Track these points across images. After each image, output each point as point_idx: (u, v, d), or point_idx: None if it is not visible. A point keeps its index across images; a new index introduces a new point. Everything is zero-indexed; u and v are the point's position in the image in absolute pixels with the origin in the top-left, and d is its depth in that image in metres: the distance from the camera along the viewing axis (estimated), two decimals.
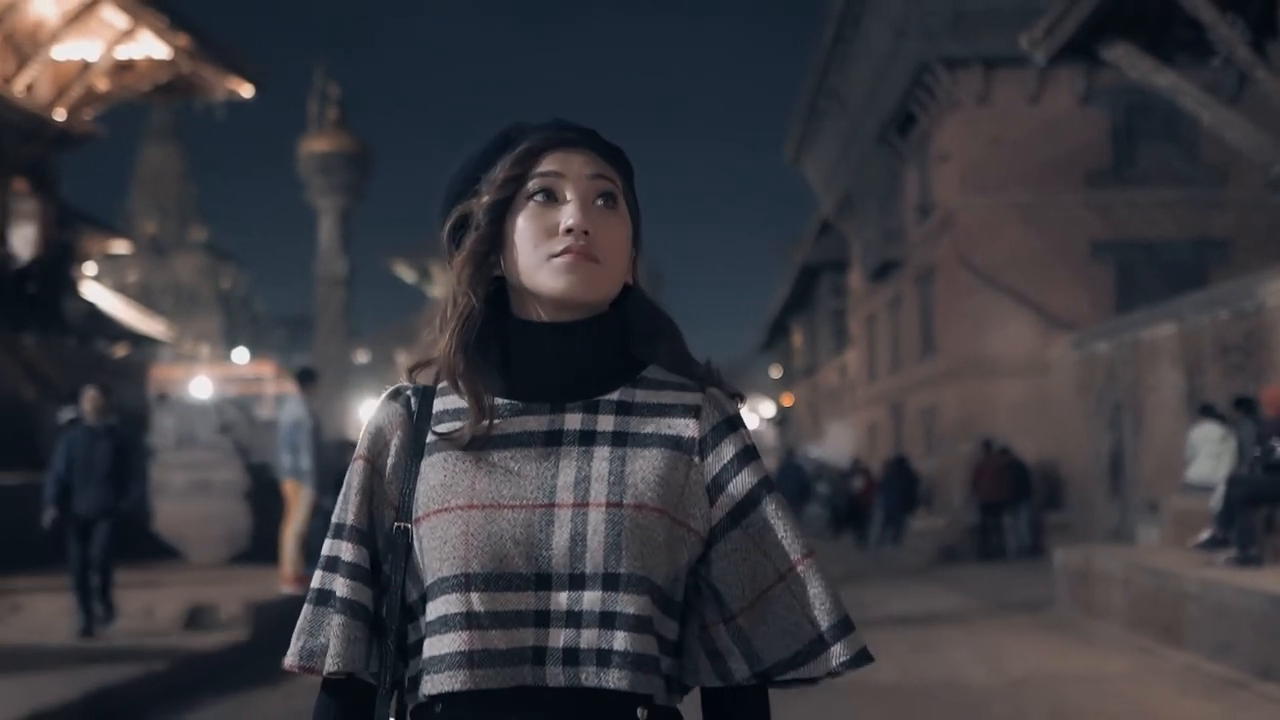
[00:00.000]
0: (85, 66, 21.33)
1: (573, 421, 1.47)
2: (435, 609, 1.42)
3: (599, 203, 1.48)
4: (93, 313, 26.76)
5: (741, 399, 1.56)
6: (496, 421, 1.46)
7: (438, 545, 1.42)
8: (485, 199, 1.50)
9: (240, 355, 52.89)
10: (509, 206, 1.49)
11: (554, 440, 1.45)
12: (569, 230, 1.45)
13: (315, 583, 1.52)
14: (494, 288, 1.51)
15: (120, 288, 44.42)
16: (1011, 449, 20.59)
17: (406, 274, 67.23)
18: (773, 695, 1.56)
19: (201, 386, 48.87)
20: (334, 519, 1.53)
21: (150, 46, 21.38)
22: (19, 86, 20.21)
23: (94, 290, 29.97)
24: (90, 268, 32.53)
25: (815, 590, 1.47)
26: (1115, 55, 13.97)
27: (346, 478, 1.54)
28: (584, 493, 1.41)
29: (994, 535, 20.14)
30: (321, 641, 1.49)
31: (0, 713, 6.84)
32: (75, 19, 19.89)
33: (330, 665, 1.47)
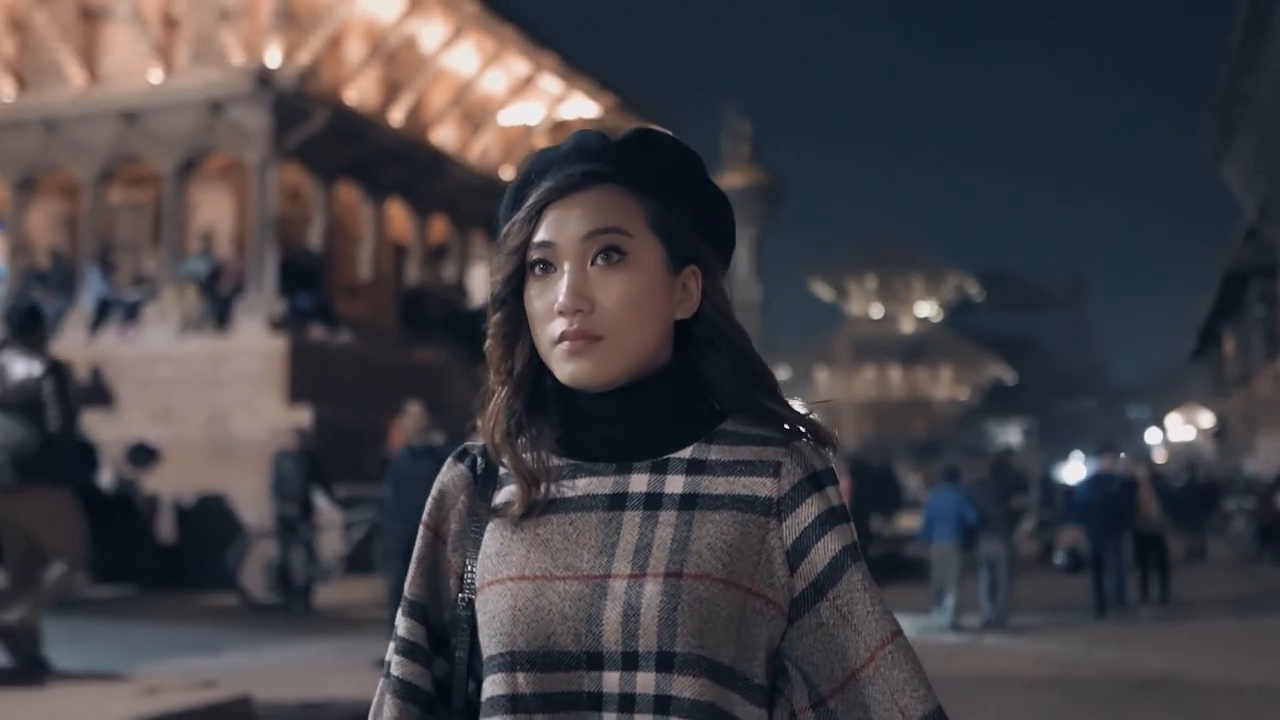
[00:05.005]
0: (527, 129, 24.25)
1: (639, 483, 1.34)
2: (486, 690, 1.32)
3: (600, 261, 1.31)
4: None
5: (834, 448, 1.39)
6: (560, 484, 1.35)
7: (487, 620, 1.32)
8: (496, 275, 1.37)
9: None
10: (524, 276, 1.35)
11: (618, 504, 1.33)
12: (561, 312, 1.31)
13: (387, 655, 1.43)
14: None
15: None
16: None
17: (824, 291, 68.87)
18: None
19: None
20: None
21: (582, 107, 24.08)
22: (474, 152, 23.27)
23: None
24: None
25: (905, 673, 1.31)
26: None
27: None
28: (643, 562, 1.28)
29: None
30: None
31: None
32: (519, 89, 22.74)
33: None
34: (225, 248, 19.03)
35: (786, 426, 1.37)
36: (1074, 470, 52.93)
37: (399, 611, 1.43)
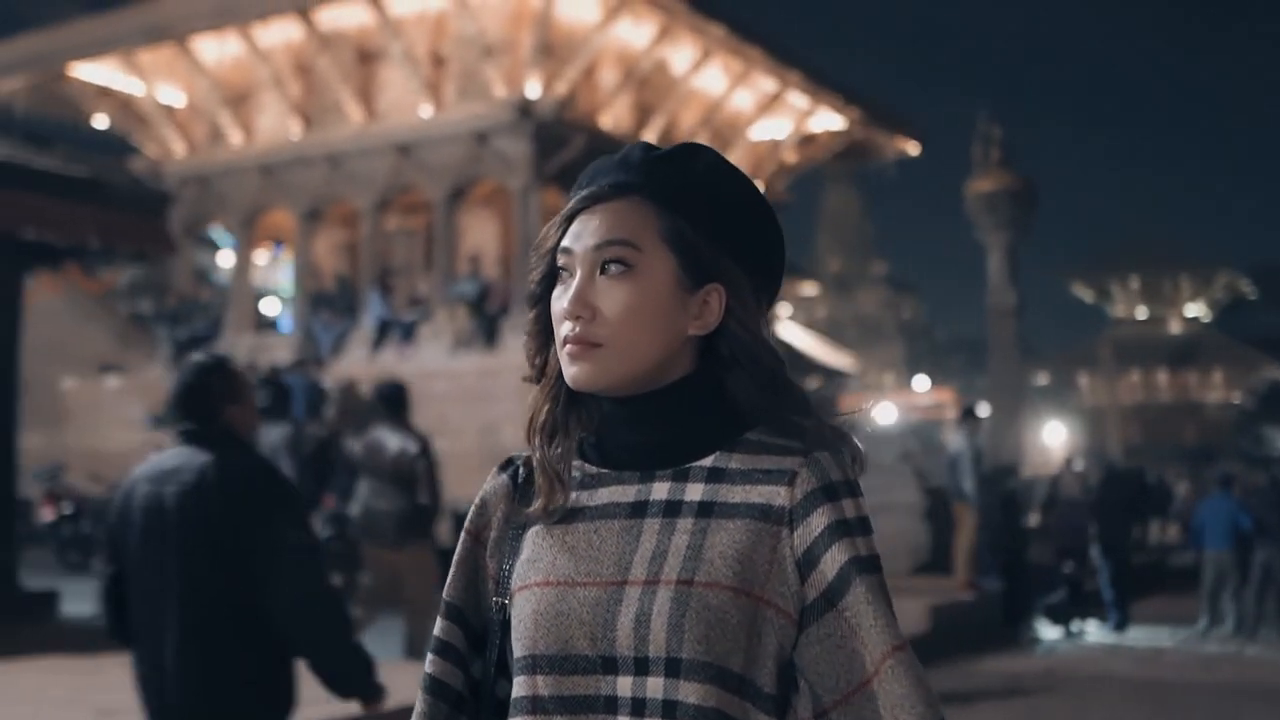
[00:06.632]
0: (776, 144, 24.72)
1: (660, 491, 1.37)
2: (513, 691, 1.37)
3: (611, 270, 1.36)
4: (790, 350, 30.17)
5: (859, 463, 1.39)
6: (587, 491, 1.40)
7: (516, 624, 1.37)
8: (532, 275, 1.44)
9: (920, 383, 55.40)
10: (556, 278, 1.41)
11: (639, 511, 1.36)
12: (565, 318, 1.36)
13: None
14: None
15: (810, 324, 48.27)
16: None
17: (1085, 294, 66.78)
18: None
19: (884, 413, 51.40)
20: None
21: (828, 120, 24.40)
22: None
23: (789, 328, 33.52)
24: (785, 308, 36.25)
25: (905, 688, 1.30)
26: None
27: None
28: (658, 569, 1.32)
29: None
30: None
31: None
32: (767, 106, 23.24)
33: None
34: (492, 270, 20.11)
35: (811, 438, 1.38)
36: None
37: (438, 614, 1.49)
